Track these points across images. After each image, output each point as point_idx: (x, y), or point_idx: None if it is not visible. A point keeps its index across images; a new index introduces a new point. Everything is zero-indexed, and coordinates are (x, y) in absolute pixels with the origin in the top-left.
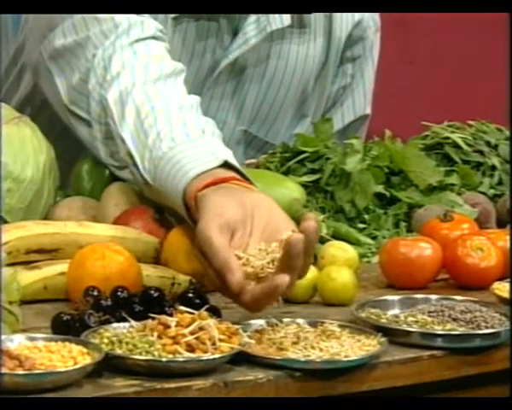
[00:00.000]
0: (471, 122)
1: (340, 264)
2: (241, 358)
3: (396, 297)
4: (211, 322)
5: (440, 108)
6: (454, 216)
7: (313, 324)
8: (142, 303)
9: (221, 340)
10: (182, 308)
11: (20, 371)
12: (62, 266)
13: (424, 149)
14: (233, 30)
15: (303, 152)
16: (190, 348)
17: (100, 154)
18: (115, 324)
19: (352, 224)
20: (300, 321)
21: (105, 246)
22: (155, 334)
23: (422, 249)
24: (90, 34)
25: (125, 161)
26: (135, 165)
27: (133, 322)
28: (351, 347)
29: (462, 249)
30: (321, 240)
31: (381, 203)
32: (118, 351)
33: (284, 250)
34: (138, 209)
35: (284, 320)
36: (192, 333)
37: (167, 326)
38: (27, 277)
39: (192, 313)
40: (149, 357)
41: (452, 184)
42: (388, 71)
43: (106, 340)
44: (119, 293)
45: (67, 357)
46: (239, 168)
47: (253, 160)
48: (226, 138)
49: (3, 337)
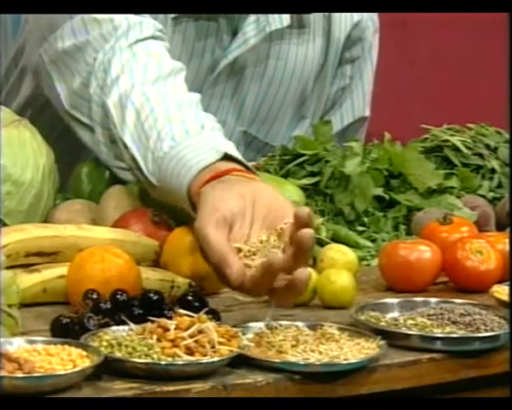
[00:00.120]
0: (470, 125)
1: (340, 267)
2: (241, 361)
3: (395, 300)
4: (210, 325)
5: (440, 110)
6: (453, 219)
7: (312, 327)
8: (141, 306)
9: (220, 343)
10: (181, 311)
11: (20, 374)
12: (62, 269)
13: (423, 152)
14: (232, 30)
15: (302, 155)
16: (189, 351)
17: (104, 157)
18: (114, 327)
19: (352, 227)
20: (300, 324)
21: (104, 249)
22: (154, 337)
23: (422, 252)
24: (90, 38)
25: (129, 165)
26: (139, 168)
27: (132, 325)
28: (350, 350)
29: (461, 252)
30: (320, 243)
31: (381, 206)
32: (117, 354)
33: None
34: (138, 212)
35: (283, 323)
36: (191, 336)
37: (166, 329)
38: (27, 280)
39: (191, 316)
40: (148, 360)
41: (452, 187)
42: (387, 72)
43: (105, 343)
44: (119, 296)
45: (67, 360)
46: (240, 159)
47: (253, 162)
48: None
49: (3, 340)
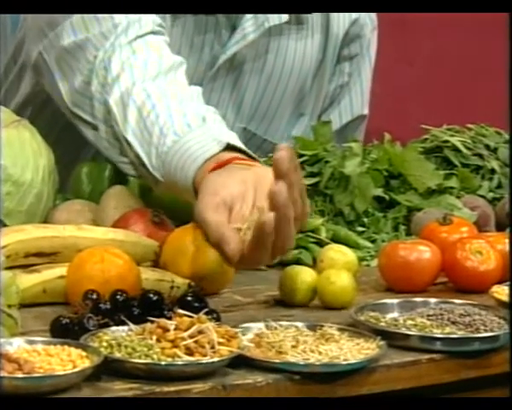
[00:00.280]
0: (470, 125)
1: (340, 267)
2: (240, 361)
3: (395, 301)
4: (210, 325)
5: (440, 110)
6: (453, 219)
7: (312, 327)
8: (141, 307)
9: (220, 343)
10: (181, 312)
11: (19, 374)
12: (61, 270)
13: (423, 153)
14: (231, 25)
15: (302, 155)
16: (189, 352)
17: (108, 153)
18: (114, 327)
19: (352, 227)
20: (299, 324)
21: (104, 249)
22: (154, 337)
23: (421, 253)
24: (90, 36)
25: (133, 161)
26: (142, 164)
27: (132, 325)
28: (350, 350)
29: (461, 253)
30: (320, 243)
31: (381, 207)
32: (117, 354)
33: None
34: (137, 212)
35: (283, 324)
36: (191, 337)
37: (166, 330)
38: (26, 280)
39: (191, 317)
40: (148, 360)
41: (451, 188)
42: (387, 72)
43: (105, 343)
44: (118, 296)
45: (66, 360)
46: (242, 148)
47: None
48: None
49: (2, 341)
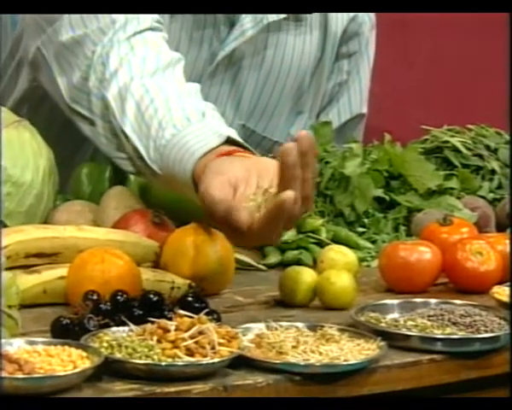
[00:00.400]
0: (471, 126)
1: (340, 268)
2: (241, 362)
3: (395, 301)
4: (210, 326)
5: (440, 110)
6: (453, 220)
7: (313, 328)
8: (141, 307)
9: (220, 344)
10: (181, 312)
11: (20, 375)
12: (62, 270)
13: (423, 153)
14: (230, 21)
15: None
16: (190, 353)
17: (105, 149)
18: (115, 328)
19: (352, 228)
20: (300, 325)
21: (104, 250)
22: (155, 338)
23: (422, 253)
24: (88, 31)
25: (131, 155)
26: (140, 157)
27: (132, 326)
28: (350, 351)
29: (461, 253)
30: (320, 244)
31: (381, 207)
32: (117, 355)
33: (280, 162)
34: (138, 213)
35: (284, 324)
36: (191, 337)
37: (167, 330)
38: (27, 281)
39: (191, 317)
40: (149, 361)
41: (452, 188)
42: (387, 73)
43: (105, 344)
44: (119, 297)
45: (67, 361)
46: (242, 143)
47: None
48: None
49: (3, 341)
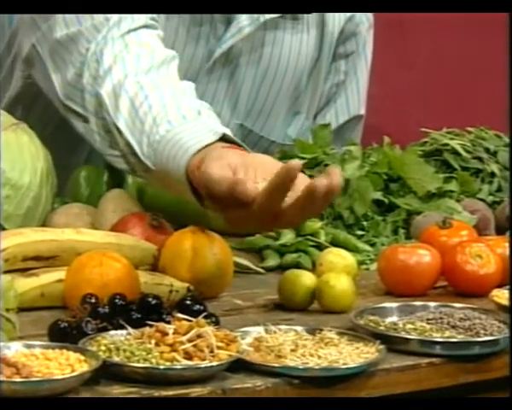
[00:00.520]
0: (470, 129)
1: (339, 271)
2: (239, 365)
3: (394, 304)
4: (209, 329)
5: (440, 112)
6: (453, 223)
7: (311, 331)
8: (139, 311)
9: (219, 347)
10: (179, 316)
11: (18, 378)
12: (60, 274)
13: (423, 156)
14: (227, 19)
15: (301, 158)
16: (188, 356)
17: (98, 146)
18: (113, 331)
19: (351, 231)
20: (299, 328)
21: (102, 253)
22: (153, 341)
23: (421, 256)
24: (82, 28)
25: (124, 151)
26: (133, 153)
27: (131, 329)
28: (349, 354)
29: (460, 256)
30: (319, 247)
31: (380, 210)
32: (115, 359)
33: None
34: (136, 216)
35: (282, 328)
36: (190, 341)
37: (165, 334)
38: (24, 284)
39: (190, 321)
40: (147, 365)
41: (451, 191)
42: (387, 74)
43: (103, 347)
44: (117, 300)
45: (65, 365)
46: (238, 141)
47: None
48: None
49: (1, 345)
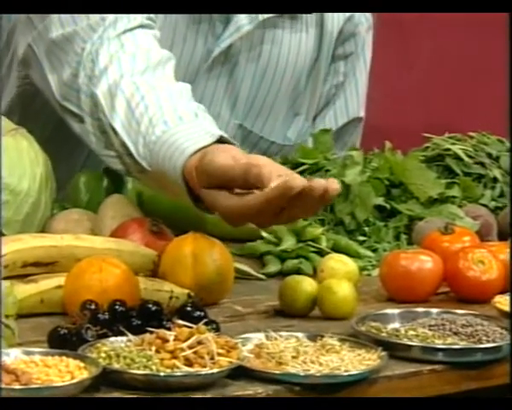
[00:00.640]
0: (472, 134)
1: (340, 277)
2: (240, 372)
3: (396, 311)
4: (209, 336)
5: (440, 112)
6: (455, 229)
7: (313, 338)
8: (139, 317)
9: (219, 354)
10: (180, 322)
11: (17, 385)
12: (59, 280)
13: (425, 161)
14: (225, 17)
15: (302, 164)
16: (188, 363)
17: (94, 146)
18: (113, 338)
19: (352, 236)
20: (300, 335)
21: (102, 259)
22: (153, 348)
23: (423, 262)
24: (78, 28)
25: (119, 152)
26: (129, 154)
27: (131, 336)
28: (351, 361)
29: (463, 262)
30: (320, 253)
31: (382, 216)
32: (115, 365)
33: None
34: (136, 222)
35: (283, 334)
36: (190, 347)
37: (165, 340)
38: (24, 290)
39: (190, 327)
40: (147, 371)
41: (453, 197)
42: (387, 74)
43: (103, 354)
44: (117, 307)
45: (64, 371)
46: (235, 143)
47: None
48: None
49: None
